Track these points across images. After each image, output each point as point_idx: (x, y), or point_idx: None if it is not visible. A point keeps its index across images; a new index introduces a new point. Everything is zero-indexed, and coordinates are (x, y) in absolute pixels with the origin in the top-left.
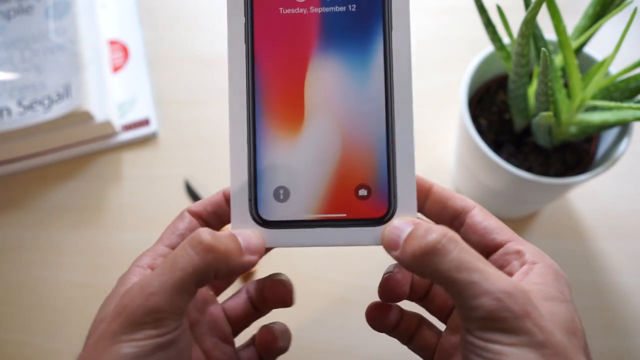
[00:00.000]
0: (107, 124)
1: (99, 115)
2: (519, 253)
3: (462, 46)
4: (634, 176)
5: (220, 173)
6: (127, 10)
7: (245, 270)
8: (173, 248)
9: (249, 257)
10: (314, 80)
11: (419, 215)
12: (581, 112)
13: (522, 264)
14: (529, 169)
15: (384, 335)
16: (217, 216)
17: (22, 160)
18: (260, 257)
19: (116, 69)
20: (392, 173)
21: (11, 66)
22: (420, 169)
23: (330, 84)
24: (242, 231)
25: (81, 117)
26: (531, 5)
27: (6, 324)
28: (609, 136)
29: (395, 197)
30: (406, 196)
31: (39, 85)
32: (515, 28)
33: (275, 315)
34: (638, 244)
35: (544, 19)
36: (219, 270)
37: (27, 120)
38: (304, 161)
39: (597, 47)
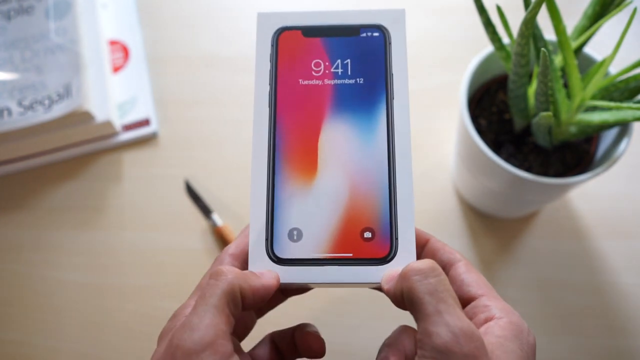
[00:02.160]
0: (108, 124)
1: (99, 115)
2: (486, 307)
3: (462, 46)
4: (634, 176)
5: (220, 173)
6: (127, 10)
7: (262, 294)
8: None
9: (267, 281)
10: (326, 139)
11: None
12: (581, 112)
13: (488, 318)
14: (528, 169)
15: (383, 335)
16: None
17: (22, 160)
18: (276, 287)
19: (116, 69)
20: (393, 218)
21: (12, 66)
22: (420, 169)
23: (340, 141)
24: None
25: (81, 117)
26: (531, 6)
27: (6, 324)
28: (608, 136)
29: (396, 239)
30: (406, 239)
31: (39, 85)
32: (515, 28)
33: (275, 316)
34: (638, 244)
35: (543, 19)
36: (243, 289)
37: (28, 120)
38: (316, 206)
39: (597, 47)
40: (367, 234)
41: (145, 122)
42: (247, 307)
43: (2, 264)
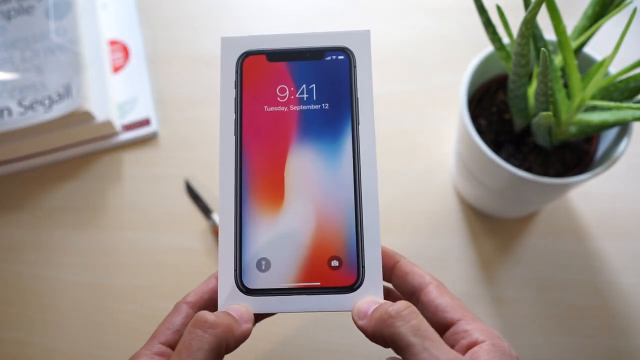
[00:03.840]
0: (108, 124)
1: (100, 115)
2: (467, 332)
3: (462, 46)
4: (634, 176)
5: None
6: (127, 10)
7: (244, 339)
8: (169, 345)
9: (245, 326)
10: (292, 167)
11: (386, 284)
12: (581, 112)
13: (470, 343)
14: (528, 169)
15: None
16: (213, 303)
17: (22, 160)
18: (253, 325)
19: (116, 69)
20: (360, 246)
21: (12, 66)
22: (420, 169)
23: (306, 169)
24: (231, 306)
25: (81, 117)
26: (531, 6)
27: (6, 323)
28: (608, 136)
29: (363, 267)
30: (373, 267)
31: (39, 85)
32: (515, 28)
33: (277, 319)
34: (638, 244)
35: (543, 19)
36: (228, 342)
37: (28, 120)
38: (283, 236)
39: (597, 47)
40: (335, 263)
41: (145, 122)
42: (226, 353)
43: (2, 264)
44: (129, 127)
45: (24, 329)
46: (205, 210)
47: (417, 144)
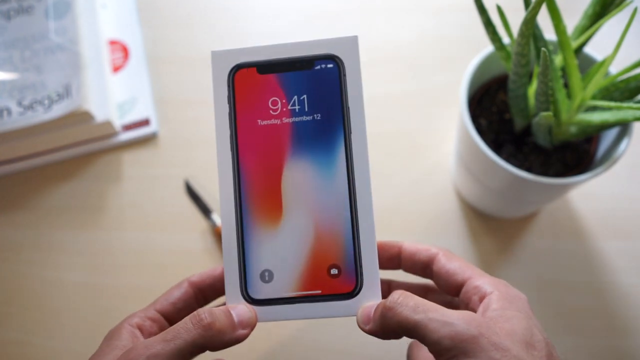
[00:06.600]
0: (107, 124)
1: (99, 115)
2: (477, 287)
3: (462, 46)
4: (634, 176)
5: None
6: (127, 10)
7: (237, 343)
8: (163, 313)
9: (240, 332)
10: (289, 179)
11: (387, 277)
12: (581, 112)
13: (481, 297)
14: (529, 169)
15: None
16: (213, 289)
17: (22, 160)
18: (251, 330)
19: (116, 69)
20: (357, 254)
21: (11, 66)
22: (420, 169)
23: (302, 181)
24: (236, 306)
25: (81, 117)
26: (531, 5)
27: (6, 324)
28: (609, 136)
29: (361, 274)
30: (370, 272)
31: (39, 85)
32: (515, 28)
33: None
34: (638, 244)
35: (544, 19)
36: (213, 344)
37: (27, 120)
38: (284, 247)
39: (597, 47)
40: (334, 271)
41: (145, 122)
42: (212, 351)
43: (2, 264)
44: (128, 127)
45: (24, 329)
46: (205, 210)
47: (417, 144)
